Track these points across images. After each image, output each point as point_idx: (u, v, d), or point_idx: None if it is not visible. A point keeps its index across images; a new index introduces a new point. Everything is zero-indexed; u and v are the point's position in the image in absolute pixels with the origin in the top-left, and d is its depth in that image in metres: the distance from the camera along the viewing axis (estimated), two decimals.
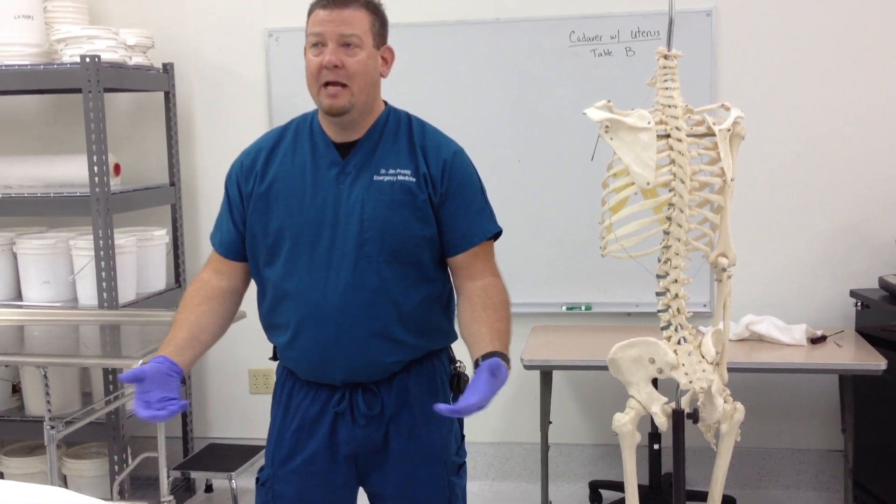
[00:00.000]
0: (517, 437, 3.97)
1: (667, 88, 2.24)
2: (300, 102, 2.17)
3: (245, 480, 3.47)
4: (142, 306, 3.64)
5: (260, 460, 3.40)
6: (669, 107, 2.23)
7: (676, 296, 2.25)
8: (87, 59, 3.36)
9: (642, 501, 2.43)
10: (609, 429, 2.34)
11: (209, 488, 3.99)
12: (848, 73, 3.61)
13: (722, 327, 2.32)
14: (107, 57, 3.48)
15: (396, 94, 2.23)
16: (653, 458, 3.48)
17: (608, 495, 3.71)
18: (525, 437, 3.93)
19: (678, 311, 2.26)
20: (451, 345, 2.18)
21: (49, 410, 2.98)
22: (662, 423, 2.25)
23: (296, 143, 2.07)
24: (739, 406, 2.35)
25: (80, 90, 3.40)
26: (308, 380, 2.09)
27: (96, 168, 3.39)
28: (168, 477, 3.17)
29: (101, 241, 3.40)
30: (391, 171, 2.01)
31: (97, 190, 3.39)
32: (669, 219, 2.22)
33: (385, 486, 2.10)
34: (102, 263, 3.41)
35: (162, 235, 3.82)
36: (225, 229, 2.12)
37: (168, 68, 3.89)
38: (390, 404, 2.07)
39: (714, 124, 2.24)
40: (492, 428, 3.95)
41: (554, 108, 3.73)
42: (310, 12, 2.00)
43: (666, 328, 2.27)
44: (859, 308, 3.51)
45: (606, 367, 2.30)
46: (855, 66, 3.61)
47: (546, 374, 3.40)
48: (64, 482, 3.66)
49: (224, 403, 4.16)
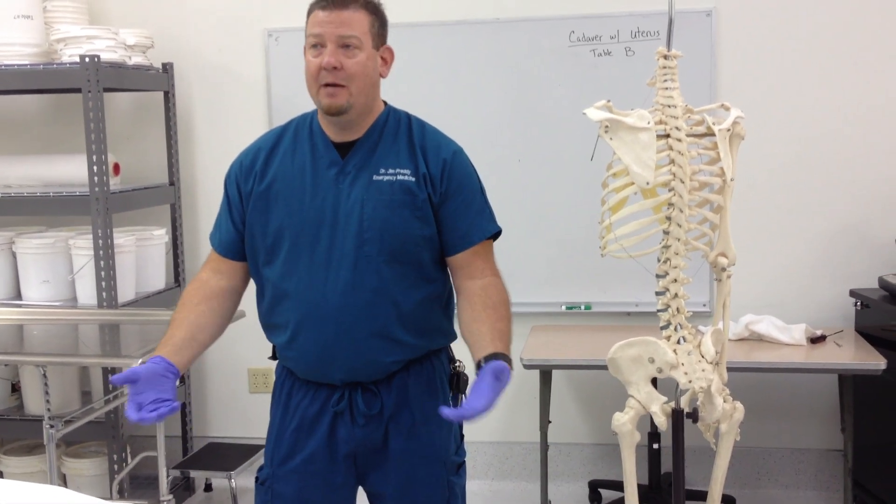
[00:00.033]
0: (517, 437, 3.97)
1: (666, 88, 2.25)
2: (300, 102, 2.17)
3: (244, 480, 3.47)
4: (141, 305, 3.64)
5: (259, 459, 3.39)
6: (669, 107, 2.23)
7: (676, 295, 2.25)
8: (87, 59, 3.36)
9: (642, 501, 2.43)
10: (608, 428, 2.34)
11: (208, 487, 3.99)
12: (848, 73, 3.61)
13: (721, 327, 2.32)
14: (106, 57, 3.48)
15: (396, 93, 2.24)
16: (652, 458, 3.49)
17: (608, 495, 3.71)
18: (524, 436, 3.93)
19: (678, 310, 2.26)
20: (451, 344, 2.18)
21: (48, 409, 2.97)
22: (662, 422, 2.25)
23: (295, 143, 2.07)
24: (739, 405, 2.35)
25: (79, 90, 3.40)
26: (307, 379, 2.09)
27: (96, 168, 3.39)
28: (167, 476, 3.17)
29: (101, 241, 3.40)
30: (391, 171, 2.01)
31: (97, 189, 3.39)
32: (669, 218, 2.22)
33: (384, 486, 2.10)
34: (102, 263, 3.41)
35: (161, 235, 3.82)
36: (224, 229, 2.12)
37: (168, 68, 3.89)
38: (390, 404, 2.07)
39: (714, 124, 2.25)
40: (491, 427, 3.95)
41: (554, 108, 3.73)
42: (309, 13, 1.99)
43: (665, 328, 2.28)
44: (859, 308, 3.51)
45: (606, 367, 2.30)
46: (855, 67, 3.61)
47: (545, 374, 3.40)
48: (63, 481, 3.66)
49: (223, 403, 4.16)
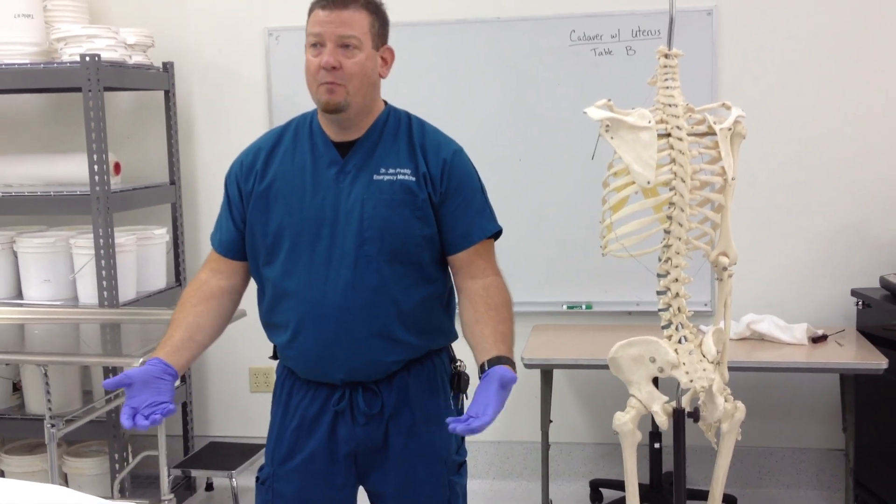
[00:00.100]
0: (518, 436, 3.96)
1: (667, 87, 2.24)
2: (300, 102, 2.17)
3: (245, 479, 3.46)
4: (142, 305, 3.64)
5: (260, 459, 3.40)
6: (670, 106, 2.22)
7: (677, 295, 2.25)
8: (87, 58, 3.36)
9: (643, 500, 2.43)
10: (610, 428, 2.34)
11: (210, 487, 4.00)
12: (848, 73, 3.61)
13: (723, 326, 2.32)
14: (107, 56, 3.48)
15: (396, 93, 2.23)
16: (653, 457, 3.48)
17: (609, 494, 3.71)
18: (526, 435, 3.92)
19: (679, 309, 2.25)
20: (452, 344, 2.18)
21: (49, 409, 2.98)
22: (663, 422, 2.25)
23: (295, 143, 2.07)
24: (740, 405, 2.35)
25: (80, 89, 3.40)
26: (308, 379, 2.09)
27: (96, 167, 3.39)
28: (168, 475, 3.17)
29: (102, 240, 3.40)
30: (391, 171, 2.01)
31: (97, 189, 3.39)
32: (670, 218, 2.22)
33: (385, 485, 2.10)
34: (103, 262, 3.41)
35: (162, 234, 3.82)
36: (224, 228, 2.12)
37: (168, 67, 3.89)
38: (390, 403, 2.06)
39: (715, 123, 2.24)
40: (492, 427, 3.83)
41: (554, 108, 3.73)
42: (310, 12, 1.99)
43: (667, 327, 2.27)
44: (860, 307, 3.51)
45: (607, 366, 2.30)
46: (855, 67, 3.61)
47: (547, 373, 3.40)
48: (64, 480, 3.66)
49: (224, 402, 4.16)
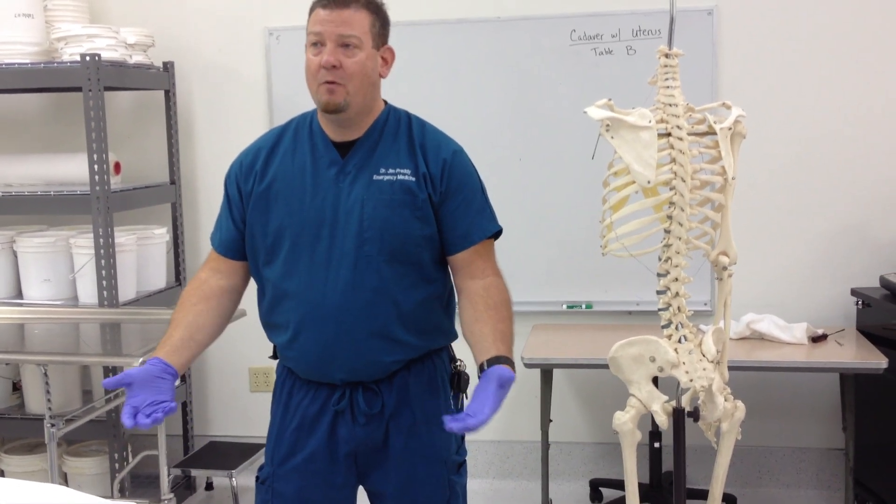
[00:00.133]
0: (518, 436, 3.96)
1: (668, 87, 2.24)
2: (300, 101, 2.16)
3: (245, 478, 3.46)
4: (142, 304, 3.64)
5: (260, 458, 3.40)
6: (670, 105, 2.22)
7: (677, 294, 2.25)
8: (88, 58, 3.36)
9: (643, 500, 2.43)
10: (609, 427, 2.34)
11: (209, 486, 4.00)
12: (849, 73, 3.61)
13: (723, 326, 2.32)
14: (107, 55, 3.48)
15: (396, 93, 2.23)
16: (653, 457, 3.49)
17: (609, 493, 3.71)
18: (525, 435, 3.92)
19: (679, 309, 2.25)
20: (452, 344, 2.18)
21: (49, 408, 2.98)
22: (663, 421, 2.25)
23: (295, 143, 2.07)
24: (740, 404, 2.35)
25: (80, 89, 3.40)
26: (308, 379, 2.09)
27: (96, 166, 3.39)
28: (168, 475, 3.17)
29: (102, 240, 3.40)
30: (391, 171, 2.01)
31: (97, 188, 3.39)
32: (670, 217, 2.22)
33: (385, 485, 2.10)
34: (103, 262, 3.41)
35: (162, 234, 3.82)
36: (224, 228, 2.12)
37: (168, 67, 3.89)
38: (390, 403, 2.06)
39: (715, 123, 2.24)
40: (492, 426, 3.86)
41: (555, 107, 3.73)
42: (311, 11, 1.99)
43: (667, 326, 2.27)
44: (860, 307, 3.51)
45: (607, 366, 2.30)
46: (856, 67, 3.60)
47: (547, 373, 3.40)
48: (64, 480, 3.66)
49: (224, 401, 4.16)
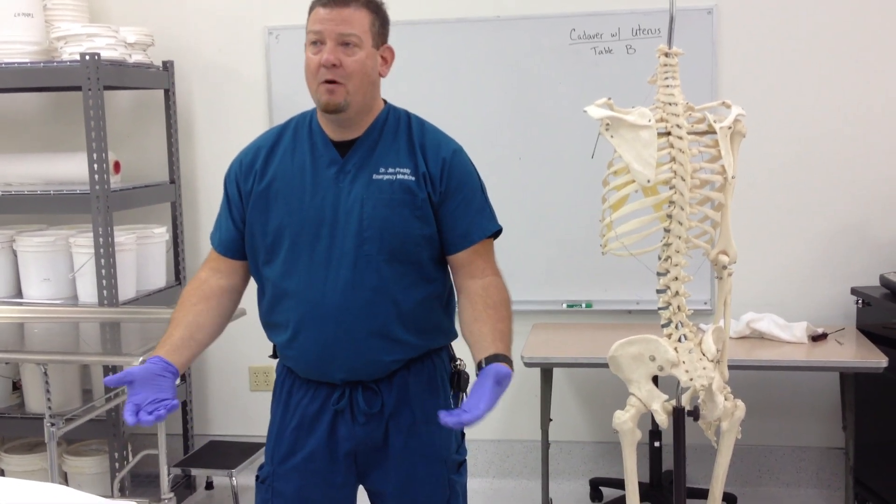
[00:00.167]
0: (518, 435, 3.97)
1: (667, 86, 2.24)
2: (300, 101, 2.16)
3: (245, 478, 3.46)
4: (142, 304, 3.64)
5: (260, 458, 3.39)
6: (670, 104, 2.22)
7: (677, 293, 2.25)
8: (87, 57, 3.36)
9: (643, 499, 2.43)
10: (609, 426, 2.34)
11: (210, 485, 4.00)
12: (848, 72, 3.61)
13: (723, 325, 2.32)
14: (107, 55, 3.48)
15: (396, 92, 2.23)
16: (653, 456, 3.49)
17: (609, 493, 3.71)
18: (526, 434, 3.92)
19: (679, 308, 2.25)
20: (452, 343, 2.18)
21: (49, 408, 2.98)
22: (663, 420, 2.25)
23: (295, 142, 2.07)
24: (740, 403, 2.35)
25: (80, 88, 3.40)
26: (308, 378, 2.09)
27: (96, 166, 3.39)
28: (168, 474, 3.17)
29: (101, 239, 3.40)
30: (390, 170, 2.01)
31: (97, 187, 3.39)
32: (670, 216, 2.22)
33: (385, 484, 2.10)
34: (102, 261, 3.41)
35: (162, 233, 3.82)
36: (224, 228, 2.12)
37: (168, 66, 3.88)
38: (390, 402, 2.06)
39: (715, 122, 2.24)
40: (492, 425, 3.94)
41: (554, 107, 3.73)
42: (310, 10, 1.99)
43: (666, 326, 2.27)
44: (860, 306, 3.51)
45: (607, 365, 2.30)
46: (855, 66, 3.60)
47: (546, 372, 3.40)
48: (64, 479, 3.67)
49: (224, 401, 4.16)
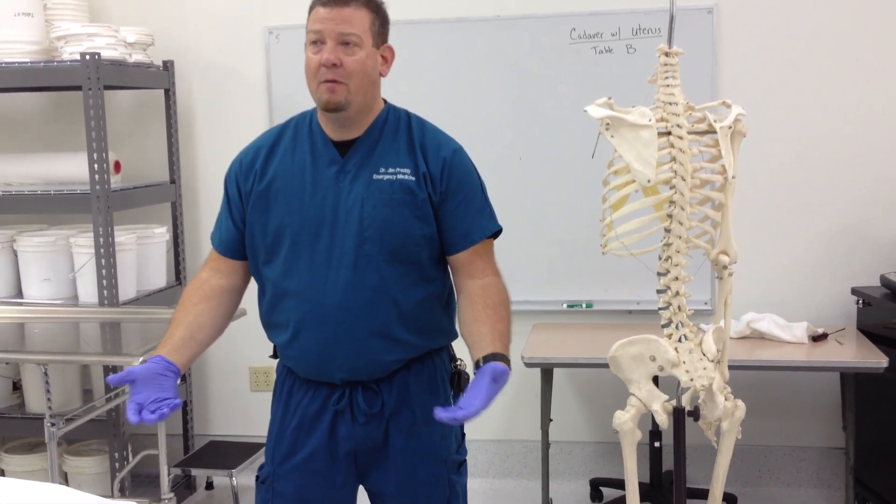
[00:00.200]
0: (518, 435, 3.96)
1: (668, 86, 2.24)
2: (300, 100, 2.16)
3: (246, 478, 3.46)
4: (142, 304, 3.64)
5: (260, 458, 3.39)
6: (670, 104, 2.22)
7: (677, 293, 2.25)
8: (88, 57, 3.36)
9: (643, 499, 2.43)
10: (610, 426, 2.34)
11: (210, 486, 4.00)
12: (849, 72, 3.61)
13: (723, 325, 2.32)
14: (107, 54, 3.48)
15: (396, 92, 2.23)
16: (653, 456, 3.49)
17: (609, 493, 3.71)
18: (526, 434, 3.92)
19: (679, 308, 2.25)
20: (452, 343, 2.18)
21: (50, 408, 2.98)
22: (663, 420, 2.25)
23: (295, 142, 2.07)
24: (740, 403, 2.35)
25: (80, 87, 3.40)
26: (308, 378, 2.09)
27: (96, 165, 3.39)
28: (169, 474, 3.17)
29: (102, 239, 3.40)
30: (391, 170, 2.00)
31: (97, 187, 3.39)
32: (670, 216, 2.22)
33: (385, 484, 2.10)
34: (103, 261, 3.41)
35: (162, 233, 3.82)
36: (224, 228, 2.12)
37: (168, 66, 3.88)
38: (390, 402, 2.06)
39: (715, 121, 2.24)
40: (492, 425, 3.95)
41: (555, 106, 3.73)
42: (310, 9, 1.99)
43: (667, 326, 2.27)
44: (860, 306, 3.50)
45: (607, 365, 2.30)
46: (856, 66, 3.60)
47: (547, 372, 3.40)
48: (64, 479, 3.67)
49: (224, 401, 4.16)
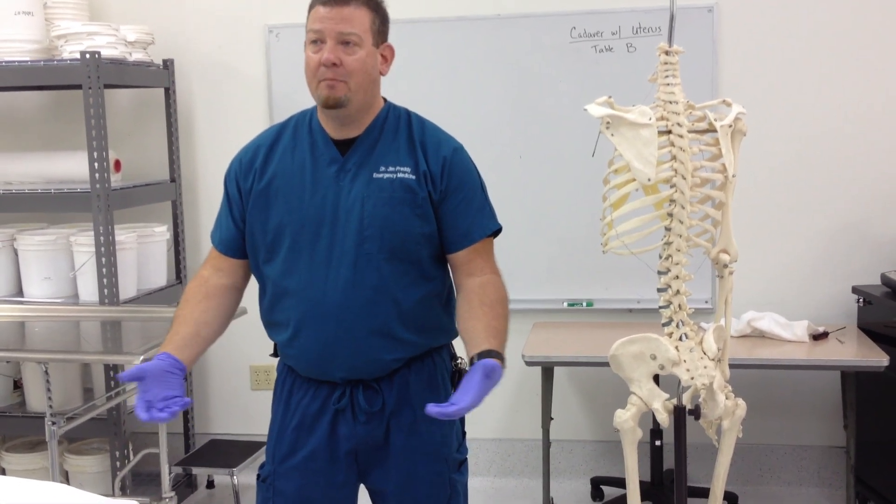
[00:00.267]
0: (519, 434, 3.97)
1: (668, 84, 2.24)
2: (300, 99, 2.16)
3: (246, 477, 3.46)
4: (142, 302, 3.64)
5: (261, 456, 3.39)
6: (671, 103, 2.22)
7: (678, 292, 2.25)
8: (88, 56, 3.36)
9: (644, 498, 2.43)
10: (610, 425, 2.34)
11: (211, 484, 4.00)
12: (849, 71, 3.61)
13: (724, 323, 2.31)
14: (107, 53, 3.47)
15: (396, 90, 2.23)
16: (654, 455, 3.49)
17: (610, 492, 3.71)
18: (526, 433, 3.92)
19: (680, 307, 2.25)
20: (452, 341, 2.18)
21: (50, 406, 2.98)
22: (664, 419, 2.24)
23: (295, 140, 2.07)
24: (741, 402, 2.35)
25: (80, 86, 3.39)
26: (308, 377, 2.09)
27: (97, 164, 3.39)
28: (169, 473, 3.18)
29: (102, 238, 3.40)
30: (391, 169, 2.00)
31: (98, 186, 3.39)
32: (671, 215, 2.22)
33: (386, 483, 2.10)
34: (103, 259, 3.41)
35: (162, 232, 3.82)
36: (224, 227, 2.12)
37: (168, 64, 3.88)
38: (391, 401, 2.06)
39: (715, 120, 2.24)
40: (493, 424, 3.95)
41: (555, 105, 3.73)
42: (310, 8, 1.99)
43: (667, 324, 2.27)
44: (861, 304, 3.50)
45: (608, 364, 2.30)
46: (856, 65, 3.60)
47: (547, 371, 3.40)
48: (65, 478, 3.67)
49: (225, 400, 4.16)
